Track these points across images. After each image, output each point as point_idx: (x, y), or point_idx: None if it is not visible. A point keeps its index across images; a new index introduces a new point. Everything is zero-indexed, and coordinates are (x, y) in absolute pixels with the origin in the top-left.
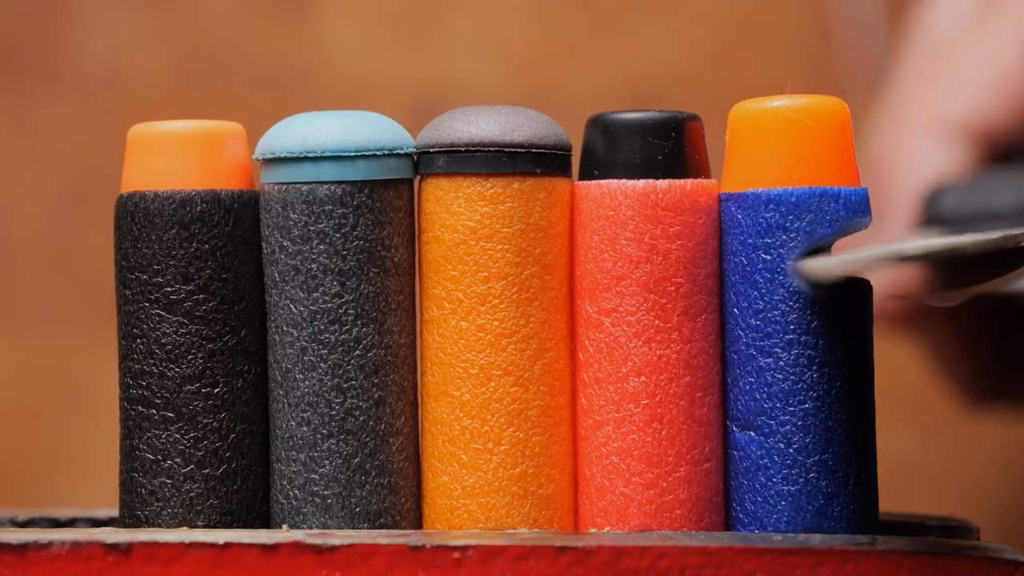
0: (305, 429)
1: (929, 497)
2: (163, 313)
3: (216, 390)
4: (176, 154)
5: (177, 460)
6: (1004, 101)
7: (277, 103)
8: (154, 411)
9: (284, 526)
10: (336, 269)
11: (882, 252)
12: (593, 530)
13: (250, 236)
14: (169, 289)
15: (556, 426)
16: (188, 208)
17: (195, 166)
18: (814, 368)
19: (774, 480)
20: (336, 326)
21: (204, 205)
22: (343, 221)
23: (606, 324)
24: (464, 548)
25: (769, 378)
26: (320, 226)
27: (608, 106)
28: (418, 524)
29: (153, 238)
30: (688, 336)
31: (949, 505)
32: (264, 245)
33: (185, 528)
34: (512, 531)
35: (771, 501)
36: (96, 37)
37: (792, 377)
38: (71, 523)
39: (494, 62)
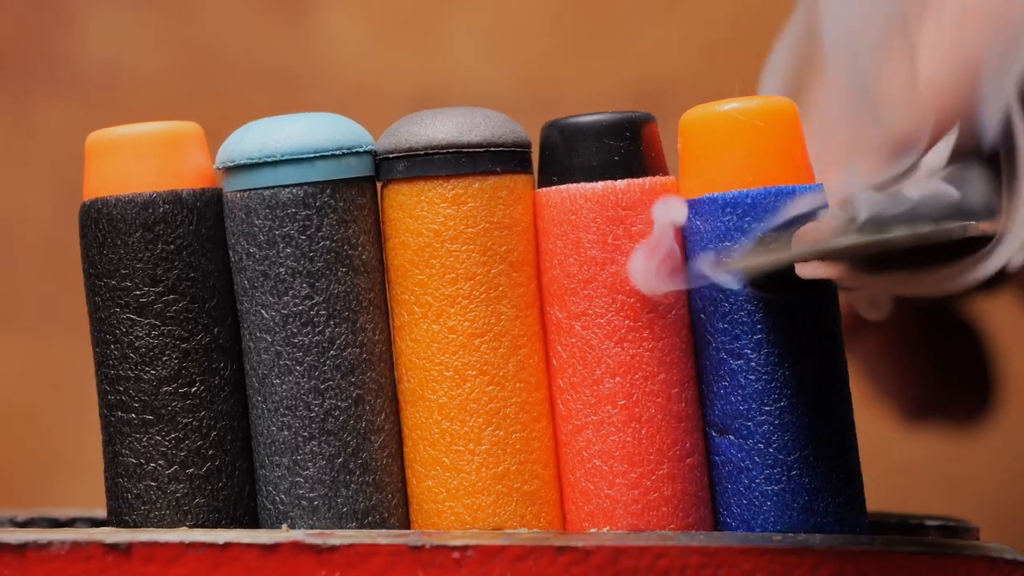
0: (286, 433)
1: (929, 497)
2: (134, 317)
3: (193, 389)
4: (134, 158)
5: (160, 462)
6: (915, 113)
7: (277, 103)
8: (133, 415)
9: (284, 526)
10: (304, 271)
11: (812, 247)
12: (593, 530)
13: (215, 234)
14: (138, 292)
15: (535, 422)
16: (151, 210)
17: (154, 168)
18: (785, 366)
19: (757, 481)
20: (309, 328)
21: (166, 206)
22: (308, 223)
23: (577, 328)
24: (464, 548)
25: (742, 380)
26: (285, 229)
27: (609, 105)
28: (406, 520)
29: (118, 243)
30: (659, 333)
31: (949, 505)
32: (231, 253)
33: (185, 528)
34: (512, 531)
35: (756, 502)
36: (96, 37)
37: (764, 377)
38: (71, 523)
39: (494, 62)
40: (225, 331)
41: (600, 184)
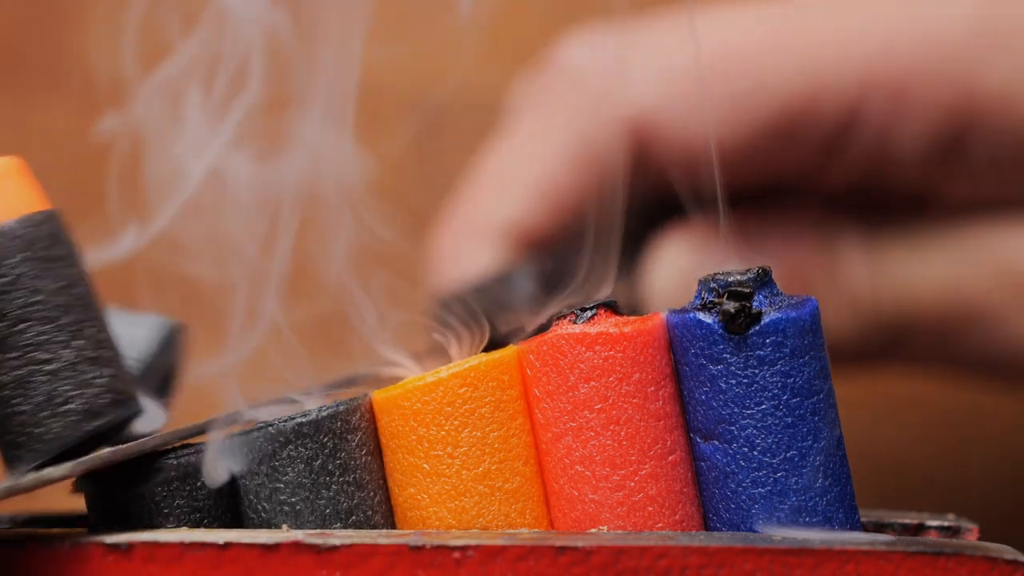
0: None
1: (929, 497)
2: None
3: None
4: None
5: None
6: (537, 204)
7: (277, 103)
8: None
9: (284, 526)
10: None
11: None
12: (593, 529)
13: (51, 253)
14: None
15: (511, 419)
16: None
17: None
18: (765, 367)
19: (744, 485)
20: None
21: None
22: None
23: (547, 336)
24: (464, 548)
25: (723, 384)
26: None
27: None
28: (390, 516)
29: None
30: (632, 334)
31: (949, 505)
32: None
33: (185, 528)
34: (512, 531)
35: (744, 506)
36: (96, 38)
37: (744, 380)
38: (71, 523)
39: (494, 61)
40: (91, 342)
41: None
